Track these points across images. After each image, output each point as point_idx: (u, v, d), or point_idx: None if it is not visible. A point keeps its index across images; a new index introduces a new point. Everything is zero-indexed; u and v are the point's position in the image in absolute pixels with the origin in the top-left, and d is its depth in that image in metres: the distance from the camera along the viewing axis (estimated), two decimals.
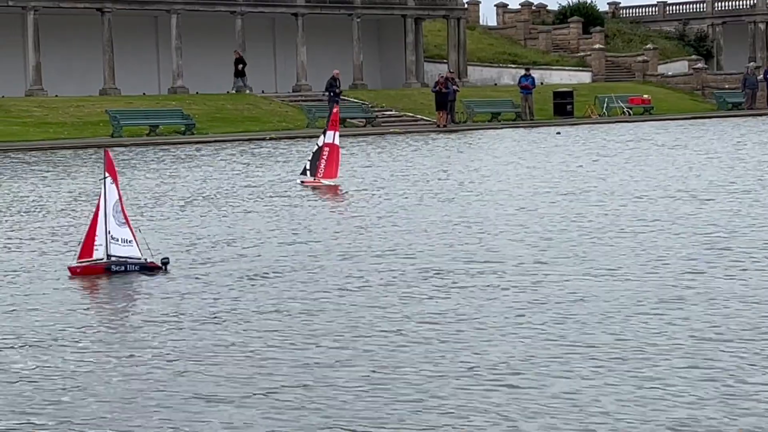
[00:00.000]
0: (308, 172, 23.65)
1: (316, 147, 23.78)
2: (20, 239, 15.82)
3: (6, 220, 18.06)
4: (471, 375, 8.13)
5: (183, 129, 44.21)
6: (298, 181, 23.52)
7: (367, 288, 11.64)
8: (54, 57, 50.39)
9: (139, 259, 12.78)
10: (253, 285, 11.95)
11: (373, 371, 8.28)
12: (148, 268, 12.74)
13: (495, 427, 6.98)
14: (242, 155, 33.46)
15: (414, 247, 14.17)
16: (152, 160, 31.71)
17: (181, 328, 9.94)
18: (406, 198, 20.27)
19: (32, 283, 12.23)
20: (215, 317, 10.35)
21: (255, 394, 7.76)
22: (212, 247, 14.61)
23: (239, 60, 52.76)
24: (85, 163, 30.91)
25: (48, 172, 27.96)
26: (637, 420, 7.05)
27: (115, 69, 50.91)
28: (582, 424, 7.00)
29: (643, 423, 7.00)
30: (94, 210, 13.06)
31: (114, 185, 12.71)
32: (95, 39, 51.00)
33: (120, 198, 12.79)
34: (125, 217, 12.83)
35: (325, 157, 23.24)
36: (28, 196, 21.69)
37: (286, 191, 22.11)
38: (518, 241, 14.67)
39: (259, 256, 13.80)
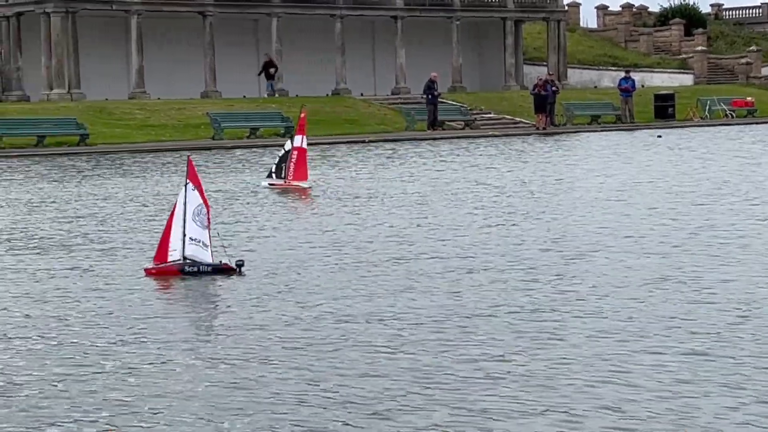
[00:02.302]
0: (273, 175, 23.89)
1: (283, 151, 24.05)
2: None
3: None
4: None
5: (282, 131, 44.48)
6: (264, 184, 23.69)
7: None
8: (156, 60, 51.04)
9: (220, 261, 12.85)
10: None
11: None
12: (222, 271, 12.77)
13: None
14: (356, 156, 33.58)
15: None
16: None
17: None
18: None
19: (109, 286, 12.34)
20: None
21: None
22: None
23: (270, 63, 51.76)
24: (207, 163, 31.07)
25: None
26: None
27: (216, 72, 51.46)
28: None
29: None
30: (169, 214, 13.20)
31: (196, 191, 12.84)
32: (196, 42, 51.60)
33: (205, 202, 12.91)
34: (208, 222, 12.93)
35: (293, 160, 23.52)
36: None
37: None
38: None
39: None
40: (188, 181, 12.91)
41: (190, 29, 51.87)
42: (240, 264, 12.77)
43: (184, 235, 12.77)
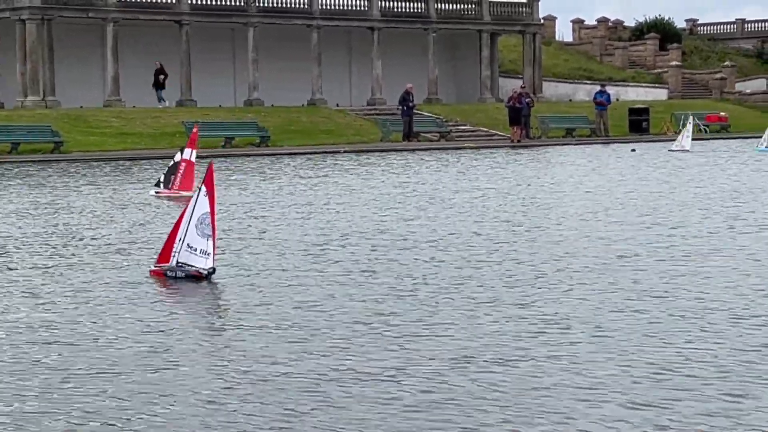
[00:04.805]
0: (161, 185, 24.71)
1: (173, 162, 24.86)
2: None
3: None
4: None
5: (258, 141, 44.54)
6: (152, 192, 24.43)
7: None
8: (132, 68, 50.96)
9: (194, 268, 12.93)
10: None
11: None
12: (193, 277, 12.88)
13: None
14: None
15: None
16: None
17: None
18: None
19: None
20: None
21: None
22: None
23: (160, 71, 50.52)
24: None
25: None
26: None
27: (191, 80, 51.44)
28: None
29: None
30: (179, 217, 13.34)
31: (207, 198, 12.91)
32: (172, 51, 51.53)
33: (212, 212, 12.95)
34: (213, 231, 12.97)
35: (181, 171, 24.35)
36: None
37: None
38: None
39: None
40: (203, 186, 12.93)
41: (166, 37, 51.79)
42: (211, 272, 12.90)
43: (182, 240, 12.92)
